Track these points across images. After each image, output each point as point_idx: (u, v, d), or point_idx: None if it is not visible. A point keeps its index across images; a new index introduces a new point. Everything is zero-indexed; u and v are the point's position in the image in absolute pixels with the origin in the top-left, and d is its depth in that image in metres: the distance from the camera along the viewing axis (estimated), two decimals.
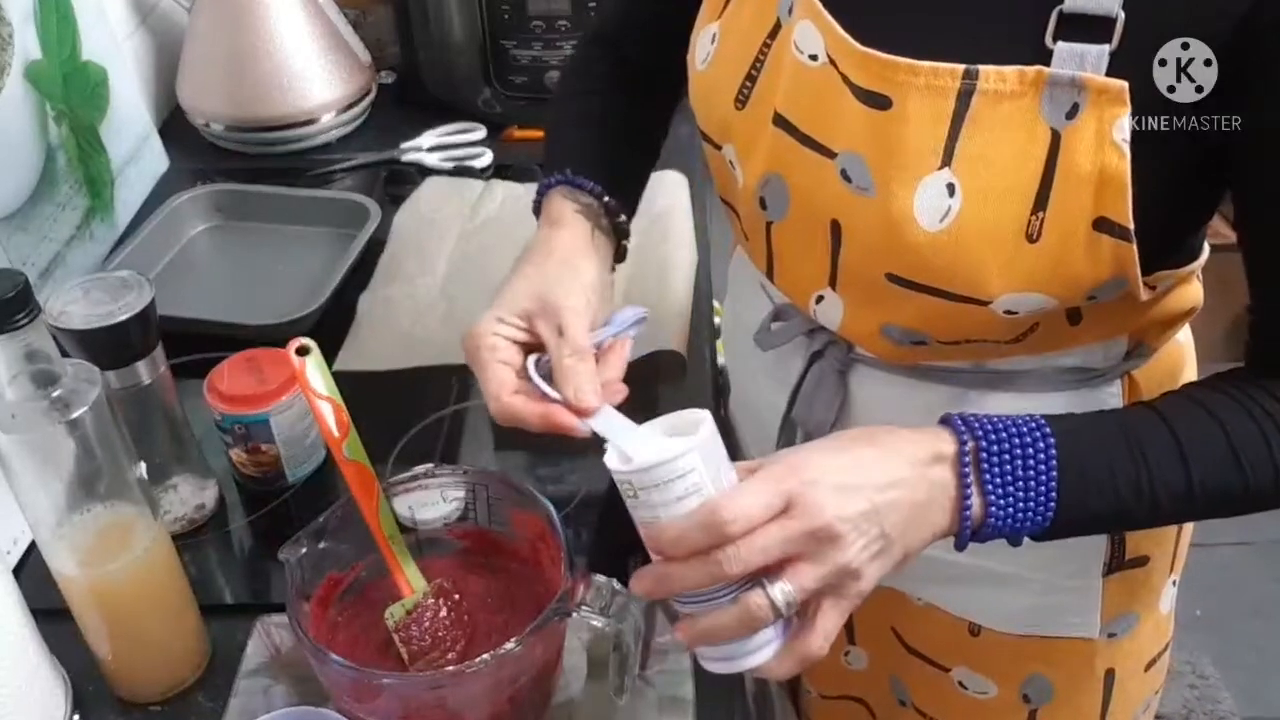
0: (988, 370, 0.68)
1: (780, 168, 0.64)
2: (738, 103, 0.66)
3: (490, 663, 0.58)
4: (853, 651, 0.88)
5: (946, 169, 0.56)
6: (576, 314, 0.63)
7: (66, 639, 0.68)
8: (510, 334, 0.64)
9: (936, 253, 0.58)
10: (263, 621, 0.73)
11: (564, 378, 0.61)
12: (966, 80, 0.55)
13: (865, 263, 0.62)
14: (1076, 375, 0.67)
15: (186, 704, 0.70)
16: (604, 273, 0.69)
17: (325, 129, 1.26)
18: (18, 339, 0.56)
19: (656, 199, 1.12)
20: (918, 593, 0.79)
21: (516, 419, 0.62)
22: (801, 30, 0.61)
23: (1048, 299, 0.58)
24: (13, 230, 0.96)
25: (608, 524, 0.81)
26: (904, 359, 0.68)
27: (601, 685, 0.68)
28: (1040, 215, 0.55)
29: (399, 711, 0.62)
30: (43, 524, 0.63)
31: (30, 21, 1.00)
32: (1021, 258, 0.56)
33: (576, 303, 0.64)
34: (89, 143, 1.09)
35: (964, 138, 0.56)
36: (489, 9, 1.25)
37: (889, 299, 0.62)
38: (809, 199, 0.63)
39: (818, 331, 0.72)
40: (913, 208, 0.57)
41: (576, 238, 0.69)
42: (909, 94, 0.56)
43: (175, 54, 1.28)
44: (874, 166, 0.59)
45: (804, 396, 0.74)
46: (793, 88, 0.62)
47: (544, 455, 0.87)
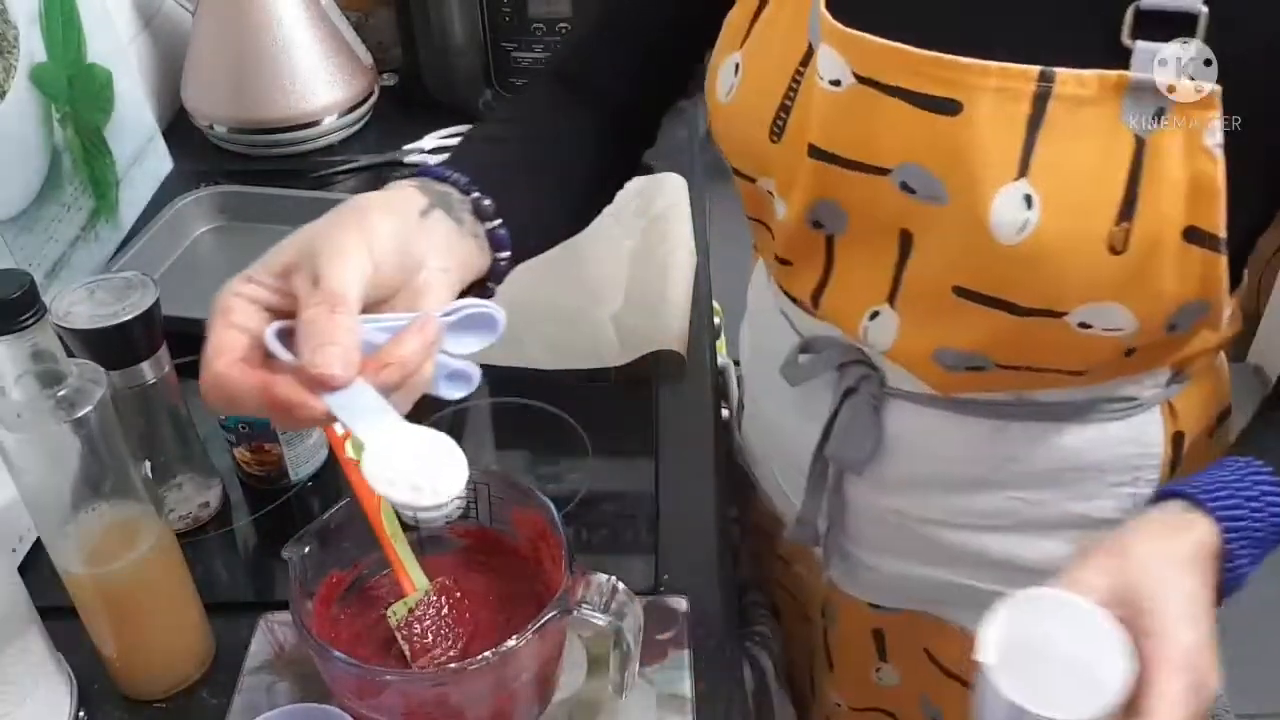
0: (1029, 402, 0.66)
1: (828, 193, 0.61)
2: (773, 135, 0.62)
3: (492, 660, 0.58)
4: (884, 669, 0.86)
5: (1024, 179, 0.53)
6: (342, 257, 0.49)
7: (72, 637, 0.68)
8: (254, 293, 0.50)
9: (1012, 265, 0.55)
10: (266, 619, 0.74)
11: (303, 333, 0.47)
12: (1042, 83, 0.52)
13: (933, 274, 0.59)
14: (1119, 405, 0.66)
15: (191, 701, 0.70)
16: (419, 239, 0.54)
17: (328, 131, 1.27)
18: (24, 339, 0.56)
19: (656, 200, 1.13)
20: (955, 618, 0.78)
21: (225, 394, 0.47)
22: (824, 56, 0.58)
23: (1128, 315, 0.55)
24: (18, 231, 0.96)
25: None
26: (950, 387, 0.65)
27: (602, 682, 0.69)
28: (1126, 226, 0.52)
29: (401, 708, 0.62)
30: (48, 522, 0.63)
31: (36, 24, 1.00)
32: (1105, 270, 0.54)
33: (348, 247, 0.49)
34: (94, 144, 1.10)
35: (1040, 145, 0.53)
36: (490, 11, 1.25)
37: (952, 315, 0.60)
38: (869, 214, 0.60)
39: (850, 365, 0.69)
40: (988, 220, 0.54)
41: (390, 200, 0.55)
42: (979, 97, 0.53)
43: (180, 56, 1.29)
44: (943, 174, 0.55)
45: (838, 434, 0.71)
46: (825, 117, 0.59)
47: (545, 455, 0.88)
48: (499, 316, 0.55)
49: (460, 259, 0.57)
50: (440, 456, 0.49)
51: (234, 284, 0.50)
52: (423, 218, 0.55)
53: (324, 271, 0.48)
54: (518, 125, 0.72)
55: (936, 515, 0.72)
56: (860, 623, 0.85)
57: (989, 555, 0.72)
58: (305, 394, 0.46)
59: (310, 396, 0.46)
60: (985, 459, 0.68)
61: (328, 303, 0.47)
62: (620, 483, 0.85)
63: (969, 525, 0.72)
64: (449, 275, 0.55)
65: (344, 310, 0.47)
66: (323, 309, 0.47)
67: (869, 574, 0.79)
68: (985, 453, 0.68)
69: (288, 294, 0.50)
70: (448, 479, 0.49)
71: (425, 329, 0.50)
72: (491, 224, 0.60)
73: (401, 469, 0.48)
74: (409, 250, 0.53)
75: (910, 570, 0.76)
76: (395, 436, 0.48)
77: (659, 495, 0.83)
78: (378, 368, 0.48)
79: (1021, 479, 0.69)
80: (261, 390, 0.47)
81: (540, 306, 0.99)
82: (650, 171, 1.18)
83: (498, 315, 0.55)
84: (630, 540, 0.80)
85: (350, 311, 0.47)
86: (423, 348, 0.49)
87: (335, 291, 0.47)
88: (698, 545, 0.79)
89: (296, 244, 0.51)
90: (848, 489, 0.75)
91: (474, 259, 0.59)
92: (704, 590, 0.76)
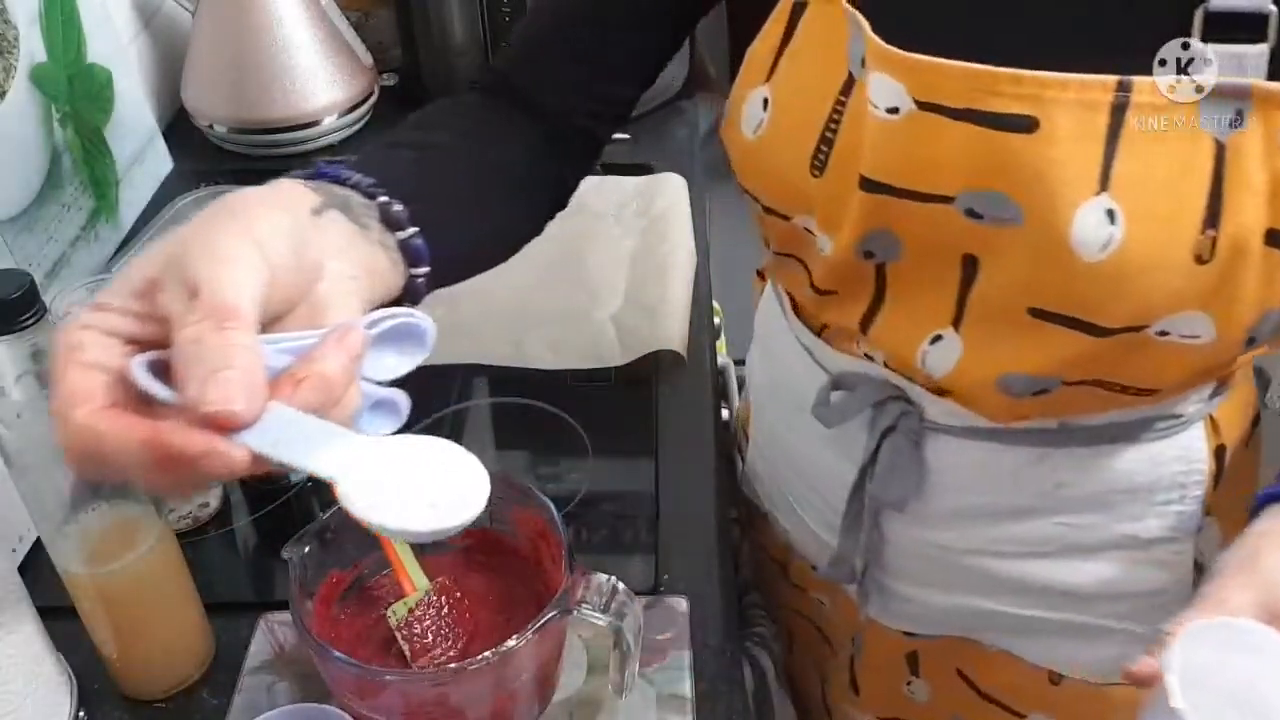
0: (1075, 428, 0.64)
1: (882, 224, 0.58)
2: (814, 170, 0.59)
3: (492, 660, 0.58)
4: (915, 683, 0.85)
5: (1105, 194, 0.51)
6: (226, 261, 0.39)
7: (72, 637, 0.68)
8: (109, 323, 0.40)
9: (1095, 283, 0.53)
10: (266, 619, 0.74)
11: (186, 359, 0.37)
12: (1119, 93, 0.51)
13: (1005, 297, 0.57)
14: (1165, 423, 0.65)
15: (191, 701, 0.70)
16: (315, 240, 0.45)
17: (328, 131, 1.27)
18: (24, 339, 0.56)
19: (656, 200, 1.13)
20: (995, 642, 0.77)
21: (92, 451, 0.37)
22: (876, 84, 0.55)
23: (1208, 324, 0.54)
24: (18, 231, 0.96)
25: None
26: (1005, 415, 0.63)
27: (602, 682, 0.69)
28: (1211, 234, 0.51)
29: (401, 708, 0.62)
30: (48, 522, 0.63)
31: (36, 24, 1.00)
32: (1192, 281, 0.52)
33: (231, 249, 0.40)
34: (94, 144, 1.09)
35: (1120, 157, 0.51)
36: (490, 11, 1.25)
37: (1024, 338, 0.58)
38: (928, 241, 0.58)
39: (887, 403, 0.67)
40: (1069, 237, 0.52)
41: (274, 194, 0.46)
42: (1057, 111, 0.51)
43: (179, 57, 1.29)
44: (1018, 195, 0.53)
45: (880, 474, 0.69)
46: (878, 147, 0.56)
47: (545, 455, 0.88)
48: (428, 328, 0.45)
49: (367, 265, 0.48)
50: (442, 462, 0.41)
51: (81, 314, 0.40)
52: (316, 216, 0.46)
53: (203, 280, 0.38)
54: (440, 132, 0.64)
55: (980, 546, 0.70)
56: (893, 650, 0.83)
57: (1033, 582, 0.71)
58: (212, 438, 0.36)
59: (219, 440, 0.36)
60: (1030, 488, 0.67)
61: (213, 318, 0.37)
62: (620, 483, 0.85)
63: (1013, 554, 0.70)
64: (357, 283, 0.46)
65: (237, 325, 0.38)
66: (207, 326, 0.37)
67: (906, 605, 0.77)
68: (1030, 482, 0.67)
69: (153, 318, 0.40)
70: (466, 487, 0.41)
71: (346, 339, 0.40)
72: (405, 233, 0.51)
73: (399, 490, 0.39)
74: (305, 253, 0.43)
75: (951, 601, 0.74)
76: (369, 455, 0.39)
77: (659, 495, 0.83)
78: (291, 386, 0.39)
79: (1068, 504, 0.67)
80: (148, 442, 0.36)
81: (540, 306, 0.99)
82: (650, 171, 1.18)
83: (427, 326, 0.45)
84: (630, 540, 0.80)
85: (245, 325, 0.38)
86: (347, 362, 0.40)
87: (223, 303, 0.38)
88: (698, 545, 0.79)
89: (160, 255, 0.41)
90: (886, 525, 0.73)
91: (384, 271, 0.50)
92: (704, 590, 0.76)
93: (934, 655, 0.81)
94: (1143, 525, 0.68)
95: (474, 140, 0.63)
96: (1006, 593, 0.72)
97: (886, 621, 0.80)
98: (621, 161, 1.18)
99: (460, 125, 0.65)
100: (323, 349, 0.40)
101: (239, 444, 0.37)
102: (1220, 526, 0.70)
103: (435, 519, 0.39)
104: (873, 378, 0.68)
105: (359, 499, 0.39)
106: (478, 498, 0.40)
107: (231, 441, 0.37)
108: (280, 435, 0.37)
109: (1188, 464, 0.67)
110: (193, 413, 0.37)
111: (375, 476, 0.39)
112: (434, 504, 0.39)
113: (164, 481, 0.38)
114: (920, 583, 0.75)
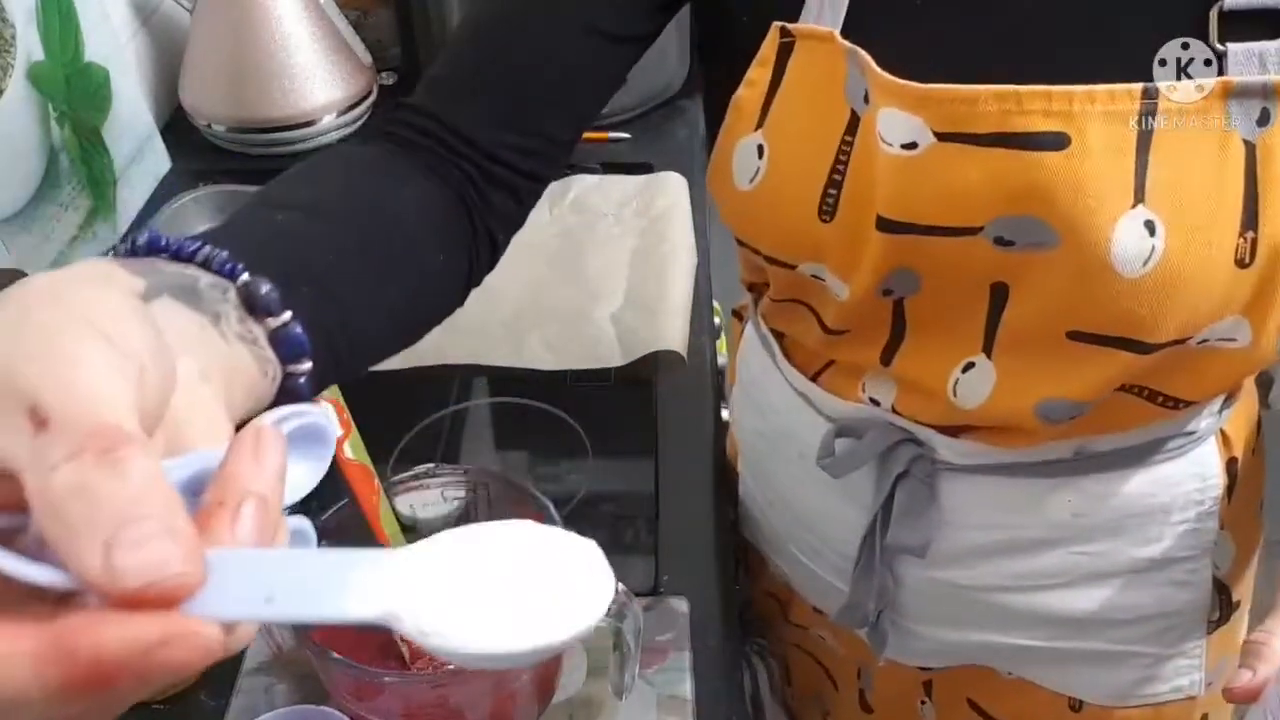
0: (1088, 454, 0.63)
1: (904, 263, 0.56)
2: (823, 216, 0.56)
3: None
4: (928, 704, 0.83)
5: (1141, 205, 0.50)
6: (75, 367, 0.26)
7: None
8: None
9: (1139, 299, 0.51)
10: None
11: (66, 523, 0.24)
12: (1146, 100, 0.49)
13: (1042, 322, 0.55)
14: (1178, 442, 0.64)
15: (189, 702, 0.70)
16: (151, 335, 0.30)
17: (326, 130, 1.26)
18: None
19: (656, 200, 1.13)
20: (1011, 669, 0.75)
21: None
22: (887, 120, 0.52)
23: (1244, 327, 0.53)
24: (16, 231, 0.96)
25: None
26: (1036, 439, 0.62)
27: (602, 683, 0.69)
28: (1251, 235, 0.50)
29: (400, 710, 0.62)
30: None
31: (33, 23, 1.00)
32: (1236, 286, 0.52)
33: (74, 348, 0.27)
34: (91, 144, 1.09)
35: (1153, 166, 0.50)
36: None
37: (1063, 363, 0.56)
38: (953, 274, 0.56)
39: (898, 447, 0.65)
40: (1109, 254, 0.50)
41: (86, 272, 0.32)
42: (1088, 124, 0.50)
43: (177, 55, 1.28)
44: (1052, 216, 0.51)
45: (897, 521, 0.67)
46: (895, 185, 0.53)
47: (545, 455, 0.88)
48: (329, 426, 0.34)
49: (224, 366, 0.36)
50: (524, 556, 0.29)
51: None
52: (144, 304, 0.33)
53: (50, 397, 0.26)
54: (321, 186, 0.53)
55: (996, 582, 0.69)
56: (906, 682, 0.82)
57: (1051, 613, 0.70)
58: (168, 619, 0.24)
59: (176, 619, 0.24)
60: (1046, 520, 0.66)
61: (89, 448, 0.25)
62: (620, 483, 0.85)
63: (1031, 587, 0.69)
64: (213, 389, 0.34)
65: (127, 450, 0.25)
66: (86, 463, 0.25)
67: (920, 643, 0.75)
68: (1046, 513, 0.66)
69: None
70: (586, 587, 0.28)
71: (262, 446, 0.29)
72: (278, 321, 0.40)
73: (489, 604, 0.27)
74: (160, 342, 0.30)
75: (967, 637, 0.73)
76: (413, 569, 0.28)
77: (659, 495, 0.83)
78: (228, 518, 0.27)
79: (1084, 534, 0.67)
80: (51, 652, 0.24)
81: (540, 306, 0.99)
82: (650, 171, 1.18)
83: (327, 426, 0.34)
84: (630, 540, 0.80)
85: (138, 447, 0.25)
86: (275, 476, 0.29)
87: (94, 424, 0.25)
88: (698, 545, 0.79)
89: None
90: (899, 568, 0.71)
91: (248, 371, 0.38)
92: (704, 591, 0.76)
93: (948, 684, 0.80)
94: (1160, 547, 0.67)
95: (366, 194, 0.53)
96: (1024, 625, 0.71)
97: (901, 659, 0.78)
98: (621, 161, 1.18)
99: (348, 177, 0.54)
100: (238, 464, 0.28)
101: (205, 623, 0.25)
102: (1233, 538, 0.69)
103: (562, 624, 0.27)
104: (879, 422, 0.66)
105: (446, 630, 0.26)
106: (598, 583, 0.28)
107: (191, 619, 0.24)
108: (254, 588, 0.26)
109: (1202, 480, 0.66)
110: (103, 588, 0.24)
111: (442, 594, 0.27)
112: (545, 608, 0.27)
113: (96, 709, 0.25)
114: (935, 622, 0.74)
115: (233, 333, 0.38)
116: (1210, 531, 0.67)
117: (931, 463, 0.65)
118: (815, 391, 0.69)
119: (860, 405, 0.66)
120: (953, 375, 0.60)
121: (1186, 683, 0.72)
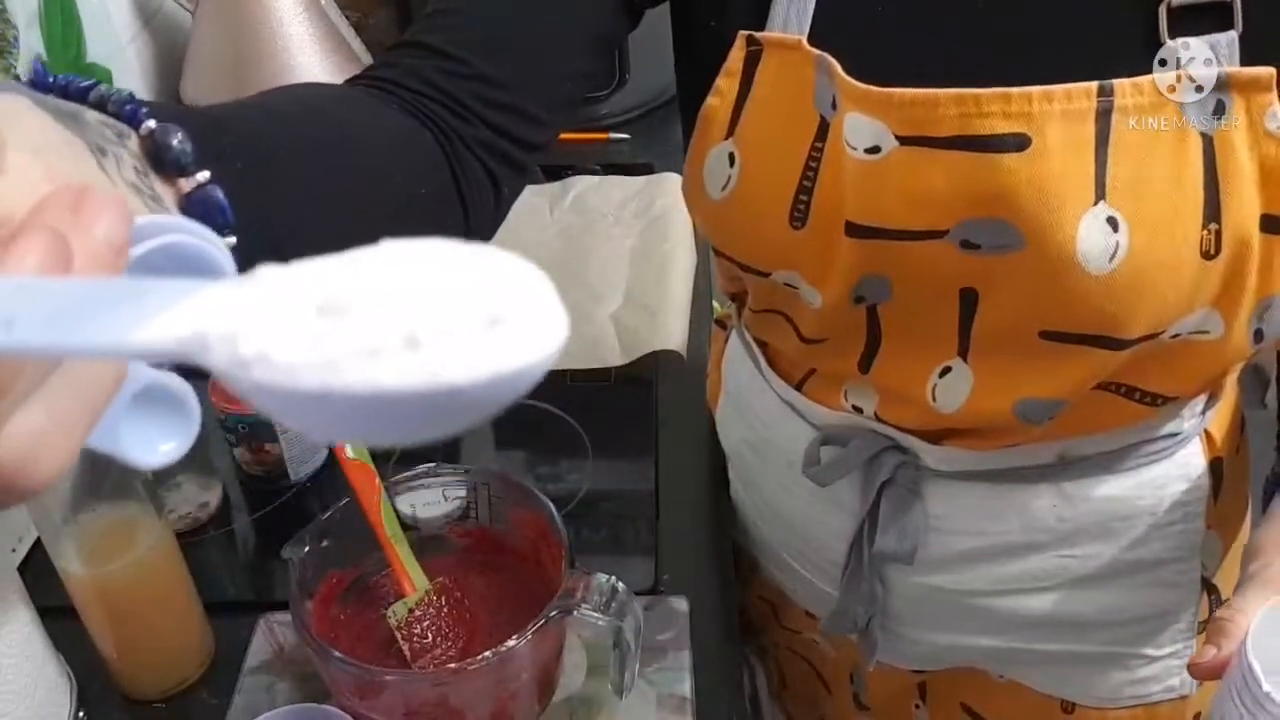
0: (1072, 458, 0.63)
1: (874, 270, 0.56)
2: (794, 222, 0.56)
3: (492, 660, 0.58)
4: (922, 708, 0.84)
5: (1102, 202, 0.50)
6: None
7: (72, 637, 0.68)
8: None
9: (1108, 297, 0.52)
10: (266, 619, 0.74)
11: None
12: (1102, 98, 0.50)
13: (1014, 323, 0.55)
14: (1162, 443, 0.64)
15: (190, 701, 0.70)
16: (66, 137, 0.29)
17: None
18: None
19: (656, 200, 1.13)
20: (1003, 672, 0.75)
21: None
22: (852, 125, 0.52)
23: (1216, 318, 0.54)
24: None
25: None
26: (1016, 438, 0.62)
27: (602, 682, 0.69)
28: (1214, 227, 0.51)
29: (401, 708, 0.62)
30: (48, 522, 0.63)
31: (35, 24, 1.00)
32: (1203, 278, 0.52)
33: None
34: None
35: (1113, 163, 0.50)
36: None
37: (1038, 362, 0.56)
38: (921, 279, 0.56)
39: (882, 455, 0.65)
40: (1075, 252, 0.51)
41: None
42: (1048, 124, 0.50)
43: (179, 56, 1.29)
44: (1016, 218, 0.51)
45: (883, 528, 0.66)
46: (861, 190, 0.53)
47: (545, 455, 0.88)
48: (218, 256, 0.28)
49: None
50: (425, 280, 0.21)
51: None
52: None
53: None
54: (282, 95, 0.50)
55: (984, 586, 0.69)
56: (899, 685, 0.82)
57: (1039, 616, 0.70)
58: None
59: None
60: (1032, 524, 0.66)
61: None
62: (620, 483, 0.85)
63: (1019, 590, 0.69)
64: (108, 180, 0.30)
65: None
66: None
67: (911, 647, 0.75)
68: (1032, 518, 0.66)
69: None
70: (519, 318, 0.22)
71: (86, 199, 0.24)
72: (192, 182, 0.35)
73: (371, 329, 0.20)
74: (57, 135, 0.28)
75: (957, 640, 0.73)
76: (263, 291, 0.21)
77: (659, 495, 0.83)
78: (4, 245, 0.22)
79: (1070, 537, 0.66)
80: None
81: None
82: (650, 172, 1.18)
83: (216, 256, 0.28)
84: (630, 540, 0.80)
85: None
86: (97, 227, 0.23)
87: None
88: (697, 545, 0.80)
89: None
90: (887, 574, 0.71)
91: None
92: (704, 590, 0.76)
93: (940, 687, 0.80)
94: (1147, 549, 0.67)
95: (327, 105, 0.50)
96: (1014, 629, 0.71)
97: (892, 662, 0.78)
98: (621, 161, 1.18)
99: (308, 90, 0.51)
100: (43, 208, 0.23)
101: None
102: (1220, 536, 0.69)
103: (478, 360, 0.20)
104: (863, 430, 0.66)
105: (283, 357, 0.20)
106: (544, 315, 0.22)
107: None
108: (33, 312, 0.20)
109: (1188, 482, 0.66)
110: None
111: (287, 317, 0.20)
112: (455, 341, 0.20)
113: None
114: (925, 626, 0.74)
115: (122, 178, 0.31)
116: (1197, 532, 0.67)
117: (916, 469, 0.65)
118: (800, 400, 0.69)
119: (844, 413, 0.66)
120: (931, 380, 0.60)
121: (1178, 682, 0.72)
